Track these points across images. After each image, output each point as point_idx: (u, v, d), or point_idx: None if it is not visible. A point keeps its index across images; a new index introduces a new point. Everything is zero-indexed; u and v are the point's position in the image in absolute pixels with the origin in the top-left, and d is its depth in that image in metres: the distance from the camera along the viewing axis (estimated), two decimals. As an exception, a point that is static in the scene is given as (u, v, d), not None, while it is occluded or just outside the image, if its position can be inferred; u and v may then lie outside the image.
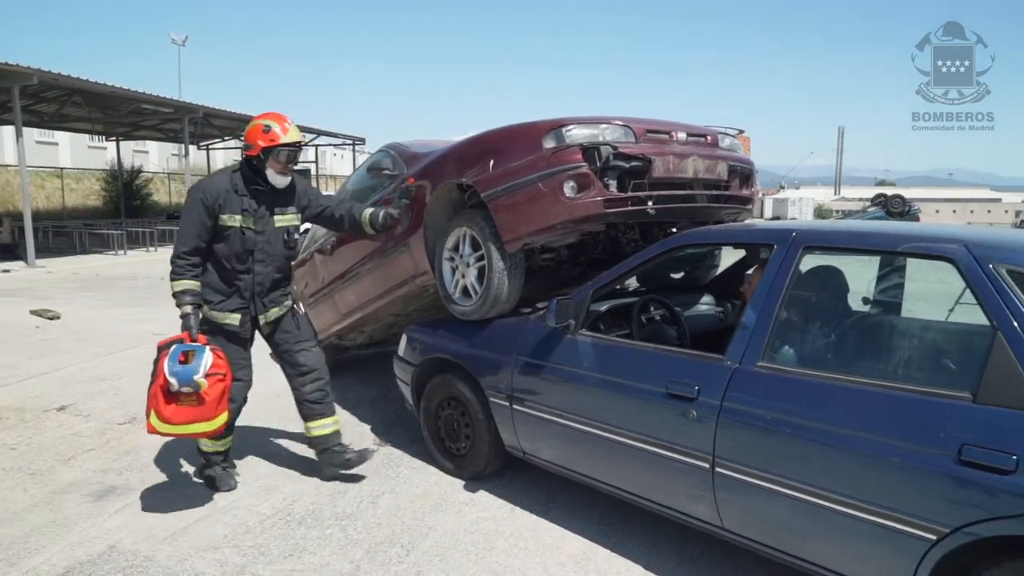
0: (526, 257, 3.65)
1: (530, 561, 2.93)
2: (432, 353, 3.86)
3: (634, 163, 3.25)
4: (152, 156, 35.72)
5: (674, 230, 4.05)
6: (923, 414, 2.08)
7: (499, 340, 3.51)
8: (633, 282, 4.13)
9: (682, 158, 3.44)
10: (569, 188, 3.18)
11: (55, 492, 3.56)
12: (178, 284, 3.29)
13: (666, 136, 3.50)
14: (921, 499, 2.03)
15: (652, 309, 3.55)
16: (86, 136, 29.06)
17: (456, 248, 3.78)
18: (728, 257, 4.53)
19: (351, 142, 27.12)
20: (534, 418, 3.25)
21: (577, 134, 3.24)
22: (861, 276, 3.25)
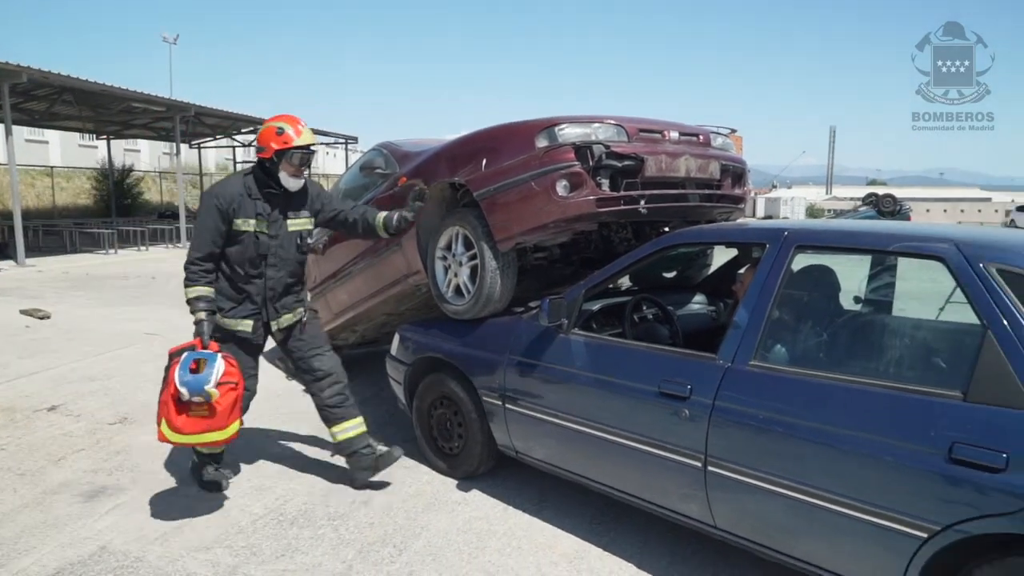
0: (519, 256, 3.64)
1: (523, 560, 2.93)
2: (425, 352, 3.85)
3: (627, 162, 3.26)
4: (143, 155, 35.54)
5: (666, 229, 4.06)
6: (914, 413, 2.09)
7: (492, 339, 3.50)
8: (626, 281, 4.14)
9: (674, 157, 3.45)
10: (562, 187, 3.18)
11: (45, 493, 3.54)
12: (192, 291, 3.25)
13: (658, 135, 3.51)
14: (912, 497, 2.04)
15: (645, 308, 3.56)
16: (76, 134, 28.89)
17: (449, 247, 3.77)
18: (720, 256, 4.54)
19: (344, 141, 27.06)
20: (527, 417, 3.25)
21: (570, 133, 3.24)
22: (853, 275, 3.26)
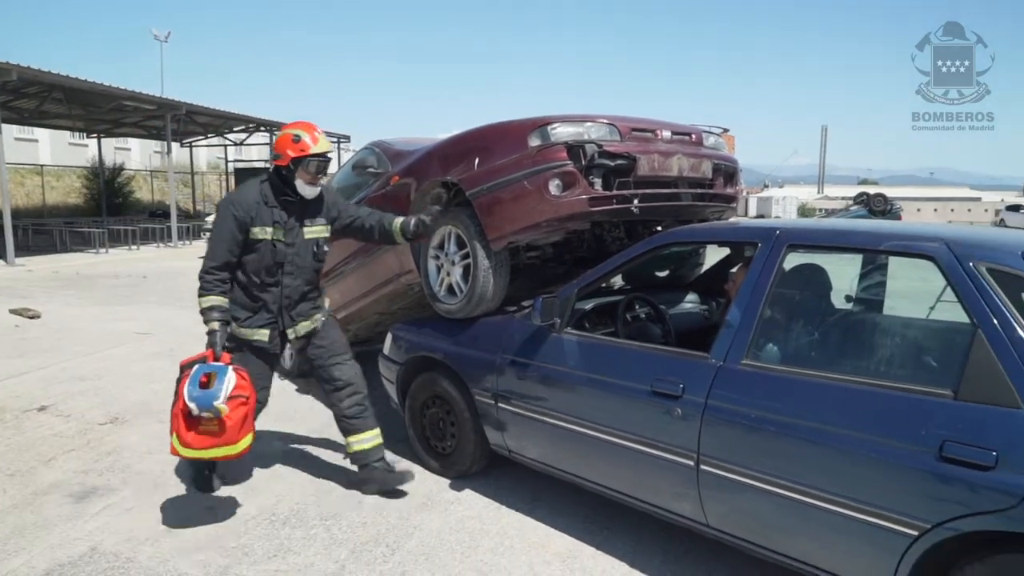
0: (511, 255, 3.64)
1: (516, 559, 2.93)
2: (417, 352, 3.85)
3: (619, 161, 3.26)
4: (134, 153, 35.34)
5: (659, 228, 4.06)
6: (905, 411, 2.10)
7: (484, 338, 3.50)
8: (618, 280, 4.14)
9: (667, 156, 3.45)
10: (554, 186, 3.18)
11: (35, 493, 3.52)
12: (206, 300, 3.20)
13: (651, 134, 3.51)
14: (903, 495, 2.05)
15: (637, 307, 3.56)
16: (67, 133, 28.73)
17: (441, 246, 3.77)
18: (713, 255, 4.55)
19: (336, 139, 26.99)
20: (520, 416, 3.25)
21: (562, 132, 3.24)
22: (844, 274, 3.28)
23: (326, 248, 3.51)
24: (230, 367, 3.05)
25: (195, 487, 3.55)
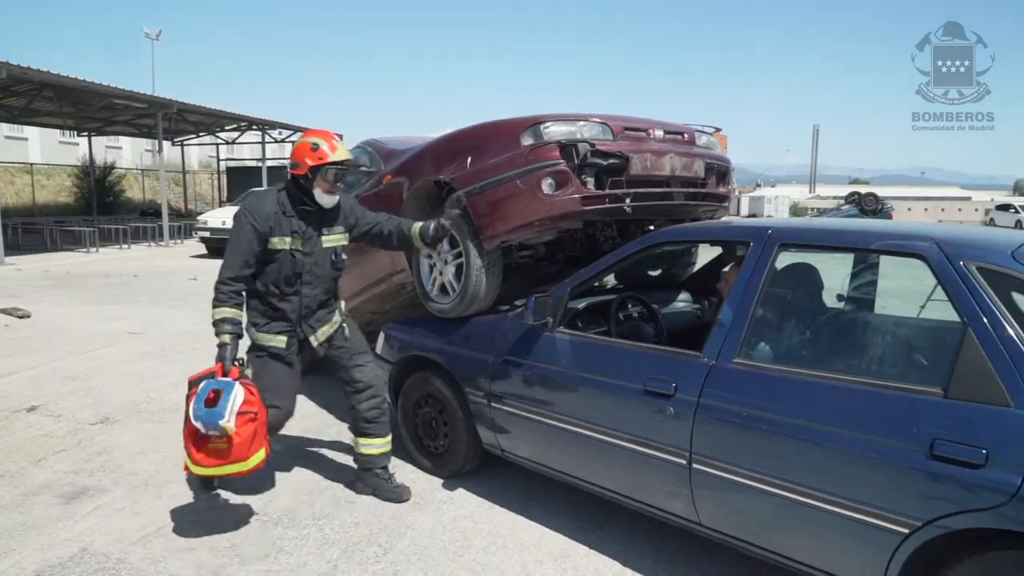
0: (504, 254, 3.64)
1: (508, 559, 2.93)
2: (410, 351, 3.84)
3: (612, 160, 3.26)
4: (125, 152, 35.17)
5: (651, 227, 4.07)
6: (896, 409, 2.11)
7: (477, 338, 3.50)
8: (611, 279, 4.15)
9: (659, 156, 3.46)
10: (547, 185, 3.18)
11: (25, 494, 3.49)
12: (219, 312, 3.13)
13: (643, 134, 3.51)
14: (894, 493, 2.06)
15: (630, 306, 3.57)
16: (57, 131, 28.56)
17: (434, 245, 3.76)
18: (705, 255, 4.56)
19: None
20: (512, 416, 3.25)
21: (555, 131, 3.24)
22: (835, 273, 3.29)
23: (344, 256, 3.46)
24: (237, 383, 2.97)
25: (193, 487, 3.53)
